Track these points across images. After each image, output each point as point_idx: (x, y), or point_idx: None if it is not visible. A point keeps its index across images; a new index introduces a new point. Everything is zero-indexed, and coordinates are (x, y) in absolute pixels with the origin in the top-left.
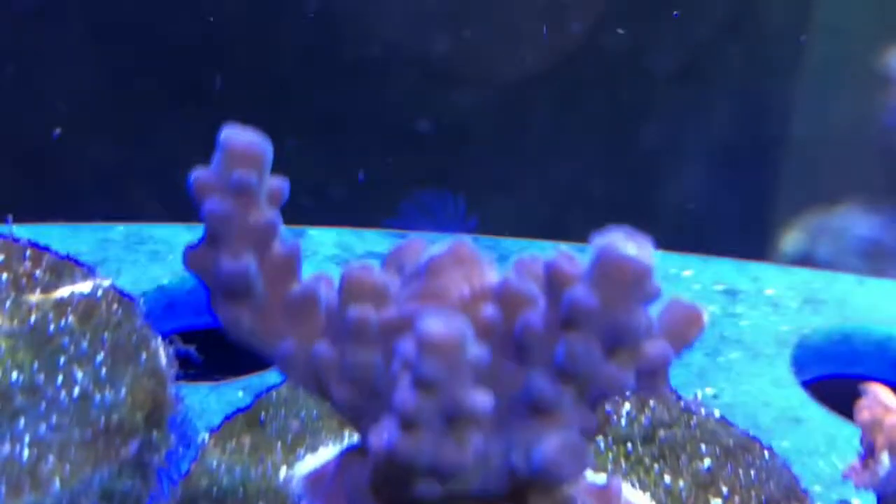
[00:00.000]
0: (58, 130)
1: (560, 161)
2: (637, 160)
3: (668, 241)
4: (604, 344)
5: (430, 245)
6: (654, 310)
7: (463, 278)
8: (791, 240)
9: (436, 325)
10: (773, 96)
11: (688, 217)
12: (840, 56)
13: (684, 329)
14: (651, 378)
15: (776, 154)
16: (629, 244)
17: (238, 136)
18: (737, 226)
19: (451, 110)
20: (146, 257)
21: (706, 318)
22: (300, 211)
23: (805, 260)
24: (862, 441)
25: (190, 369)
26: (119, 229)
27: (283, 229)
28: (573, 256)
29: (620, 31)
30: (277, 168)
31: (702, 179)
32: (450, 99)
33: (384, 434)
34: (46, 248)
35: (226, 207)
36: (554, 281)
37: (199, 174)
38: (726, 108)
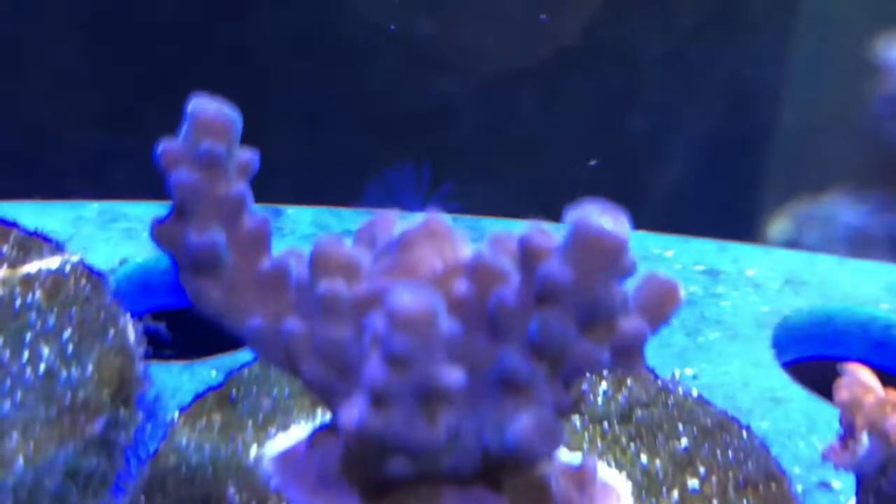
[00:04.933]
0: None
1: (547, 148)
2: (624, 148)
3: (655, 228)
4: (578, 319)
5: (403, 219)
6: (630, 285)
7: (436, 253)
8: (778, 227)
9: (407, 299)
10: (761, 84)
11: (675, 205)
12: (829, 44)
13: (660, 305)
14: (627, 355)
15: (764, 142)
16: (604, 218)
17: (206, 106)
18: (724, 214)
19: (437, 96)
20: (119, 235)
21: (682, 293)
22: (280, 193)
23: (792, 248)
24: (841, 421)
25: (165, 349)
26: (93, 207)
27: (253, 203)
28: (547, 230)
29: (608, 15)
30: (259, 151)
31: (689, 168)
32: (436, 84)
33: (354, 411)
34: (14, 224)
35: (193, 179)
36: (527, 255)
37: (166, 145)
38: (714, 96)
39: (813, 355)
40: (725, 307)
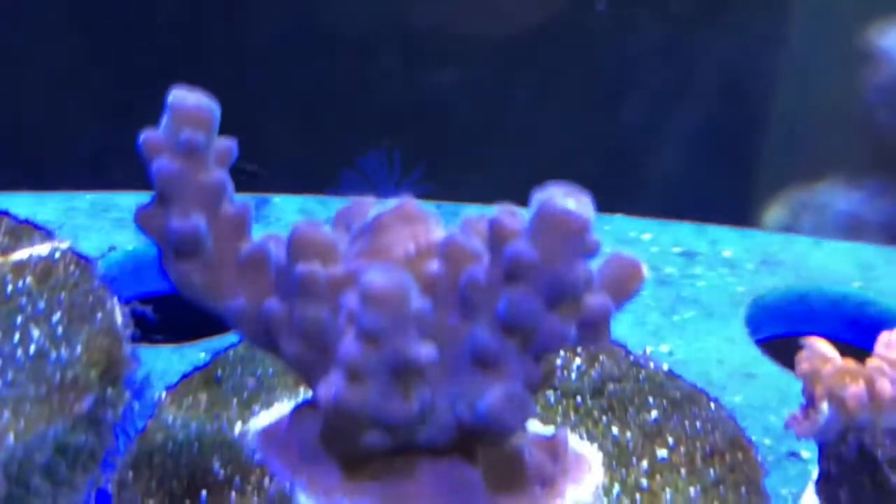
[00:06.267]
0: None
1: (541, 140)
2: (619, 138)
3: (651, 217)
4: (545, 297)
5: (379, 204)
6: (596, 264)
7: (409, 235)
8: (773, 215)
9: (378, 278)
10: (755, 73)
11: (670, 194)
12: (823, 32)
13: (625, 282)
14: (593, 330)
15: (759, 130)
16: (568, 199)
17: (186, 97)
18: (719, 202)
19: (430, 89)
20: (110, 224)
21: (646, 271)
22: (272, 184)
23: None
24: (804, 392)
25: (157, 334)
26: (86, 197)
27: (233, 190)
28: (516, 212)
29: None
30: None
31: (684, 157)
32: (429, 76)
33: (331, 386)
34: (5, 213)
35: (174, 167)
36: (496, 236)
37: (147, 135)
38: (709, 85)
39: (788, 332)
40: (701, 287)
